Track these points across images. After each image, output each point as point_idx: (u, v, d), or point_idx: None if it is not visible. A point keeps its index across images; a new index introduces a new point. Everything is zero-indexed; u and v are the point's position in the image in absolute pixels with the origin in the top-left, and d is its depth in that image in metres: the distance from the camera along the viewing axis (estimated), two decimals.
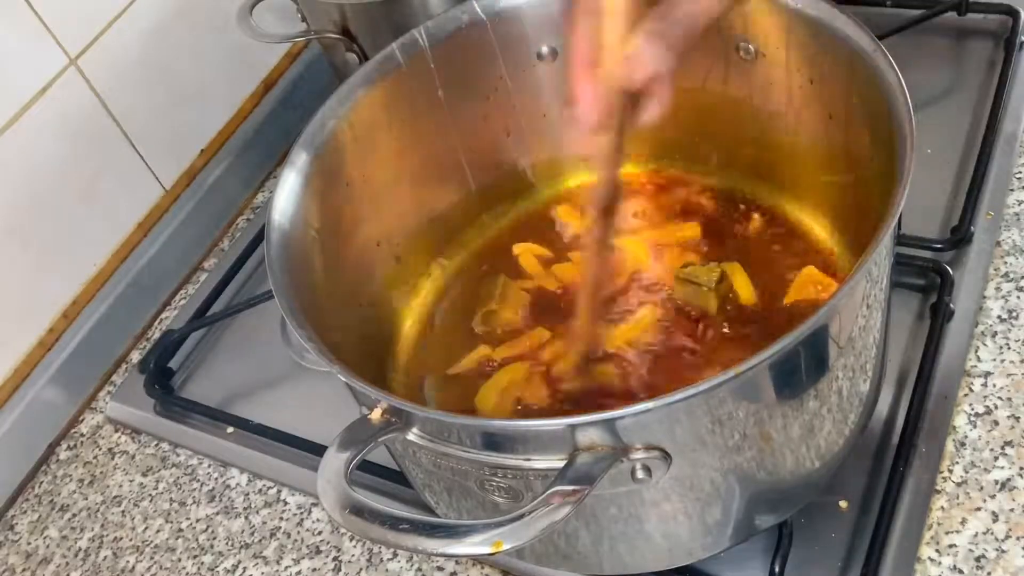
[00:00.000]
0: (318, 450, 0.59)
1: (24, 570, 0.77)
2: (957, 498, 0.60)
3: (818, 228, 0.67)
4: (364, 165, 0.65)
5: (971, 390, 0.64)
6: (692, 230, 0.70)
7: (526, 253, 0.73)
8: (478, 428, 0.47)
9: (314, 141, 0.62)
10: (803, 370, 0.48)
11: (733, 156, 0.71)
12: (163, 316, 0.92)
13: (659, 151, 0.74)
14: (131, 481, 0.79)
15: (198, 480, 0.77)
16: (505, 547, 0.41)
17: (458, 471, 0.49)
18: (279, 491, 0.74)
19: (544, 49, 0.69)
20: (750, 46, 0.63)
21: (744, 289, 0.65)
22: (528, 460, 0.45)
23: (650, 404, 0.42)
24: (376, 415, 0.47)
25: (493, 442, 0.46)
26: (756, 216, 0.69)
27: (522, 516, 0.42)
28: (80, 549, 0.76)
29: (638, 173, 0.75)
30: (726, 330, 0.63)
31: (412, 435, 0.48)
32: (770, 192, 0.70)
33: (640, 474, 0.46)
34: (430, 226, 0.72)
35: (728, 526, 0.53)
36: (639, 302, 0.66)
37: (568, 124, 0.49)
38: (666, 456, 0.45)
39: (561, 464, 0.44)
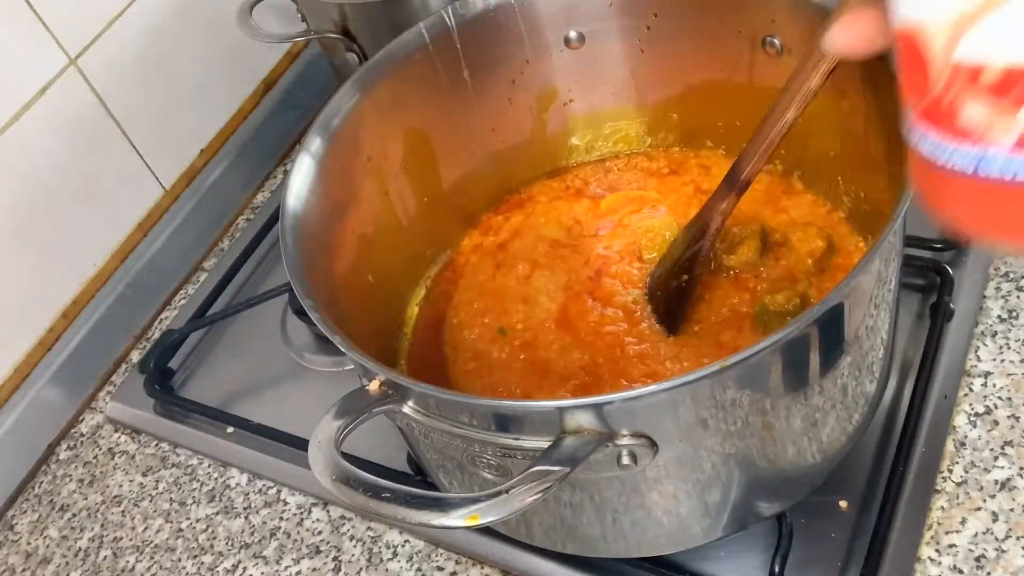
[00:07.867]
0: None
1: (24, 570, 0.76)
2: (957, 498, 0.60)
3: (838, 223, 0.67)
4: (386, 141, 0.66)
5: (971, 390, 0.64)
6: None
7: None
8: (469, 406, 0.48)
9: (332, 120, 0.62)
10: (794, 367, 0.48)
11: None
12: (163, 316, 0.92)
13: (682, 137, 0.74)
14: (131, 481, 0.79)
15: (198, 480, 0.77)
16: (481, 521, 0.42)
17: (450, 446, 0.50)
18: (279, 491, 0.74)
19: (572, 34, 0.69)
20: (776, 41, 0.63)
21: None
22: (517, 439, 0.46)
23: (635, 392, 0.43)
24: (374, 387, 0.48)
25: (484, 420, 0.47)
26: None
27: (500, 493, 0.42)
28: (80, 549, 0.76)
29: (658, 157, 0.75)
30: None
31: (407, 408, 0.49)
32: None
33: (626, 460, 0.46)
34: (448, 206, 0.72)
35: (725, 511, 0.53)
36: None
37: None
38: (652, 444, 0.46)
39: (548, 445, 0.45)
